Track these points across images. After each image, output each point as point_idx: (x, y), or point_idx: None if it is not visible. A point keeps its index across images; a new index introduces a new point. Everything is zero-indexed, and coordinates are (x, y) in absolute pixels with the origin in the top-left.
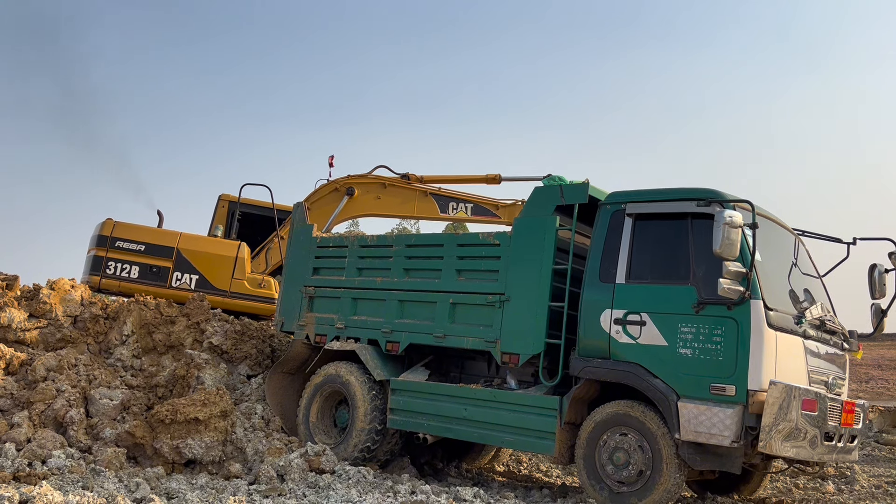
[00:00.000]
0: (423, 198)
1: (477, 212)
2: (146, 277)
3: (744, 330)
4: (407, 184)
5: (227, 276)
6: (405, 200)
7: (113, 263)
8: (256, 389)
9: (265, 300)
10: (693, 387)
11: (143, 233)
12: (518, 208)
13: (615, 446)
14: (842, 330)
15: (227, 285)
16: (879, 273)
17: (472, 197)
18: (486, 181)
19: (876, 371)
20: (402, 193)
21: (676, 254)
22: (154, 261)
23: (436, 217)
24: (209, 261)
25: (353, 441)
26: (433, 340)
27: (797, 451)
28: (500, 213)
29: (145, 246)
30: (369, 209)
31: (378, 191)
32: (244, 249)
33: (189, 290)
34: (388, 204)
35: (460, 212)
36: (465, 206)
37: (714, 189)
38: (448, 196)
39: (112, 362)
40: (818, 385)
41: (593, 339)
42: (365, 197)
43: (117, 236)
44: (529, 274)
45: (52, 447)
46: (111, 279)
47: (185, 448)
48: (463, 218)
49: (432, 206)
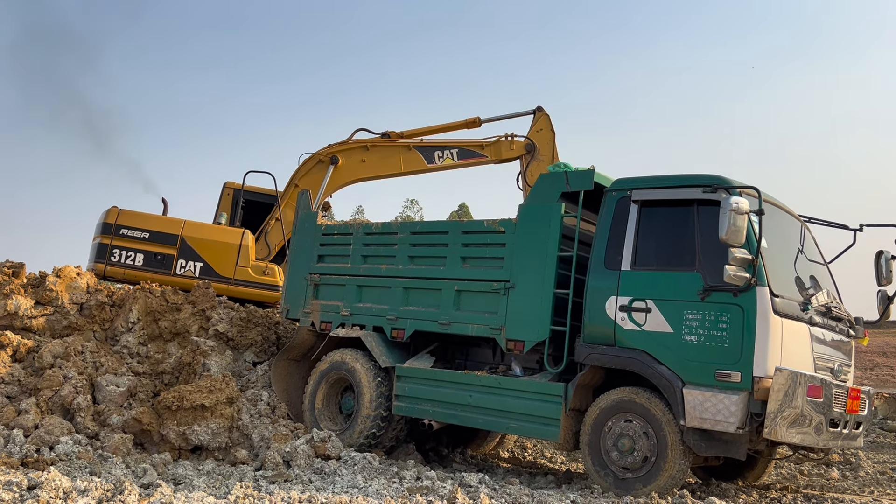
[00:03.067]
0: (408, 152)
1: (463, 156)
2: (150, 265)
3: (749, 316)
4: (389, 141)
5: (232, 264)
6: (389, 157)
7: (118, 251)
8: (262, 376)
9: (270, 287)
10: (698, 373)
11: (147, 220)
12: (503, 144)
13: (620, 432)
14: (848, 317)
15: (231, 273)
16: (886, 260)
17: (455, 142)
18: (467, 126)
19: (881, 358)
20: (386, 151)
21: (682, 240)
22: (158, 248)
23: (423, 168)
24: (213, 248)
25: (359, 427)
26: (438, 328)
27: (802, 438)
28: (486, 151)
29: (149, 234)
30: (356, 174)
31: (361, 154)
32: (248, 237)
33: (193, 278)
34: (373, 165)
35: (447, 159)
36: (450, 152)
37: (720, 175)
38: (432, 146)
39: (118, 349)
40: (824, 372)
41: (598, 326)
42: (349, 162)
43: (122, 224)
44: (534, 261)
45: (60, 433)
46: (116, 267)
47: (192, 434)
48: (450, 164)
49: (418, 158)
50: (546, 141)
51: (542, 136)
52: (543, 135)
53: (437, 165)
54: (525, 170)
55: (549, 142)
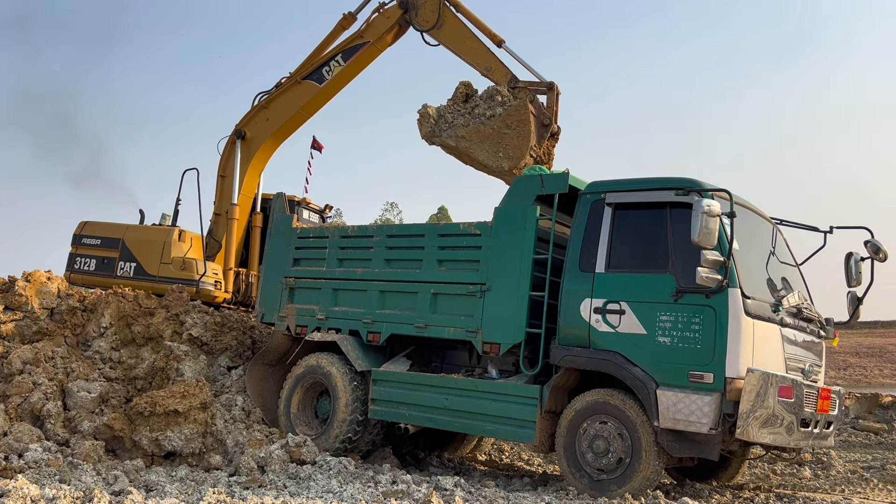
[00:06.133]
0: (299, 85)
1: (348, 56)
2: (99, 269)
3: (722, 318)
4: (281, 88)
5: (157, 262)
6: (288, 101)
7: (79, 259)
8: (237, 381)
9: (185, 282)
10: (672, 375)
11: (102, 228)
12: (377, 19)
13: (595, 434)
14: (818, 318)
15: (156, 270)
16: (855, 261)
17: (335, 49)
18: (344, 28)
19: (854, 358)
20: (282, 98)
21: (655, 243)
22: (105, 252)
23: (320, 92)
24: (144, 247)
25: (335, 432)
26: (414, 331)
27: (774, 438)
28: (366, 37)
29: (101, 240)
30: (266, 134)
31: (263, 114)
32: (173, 234)
33: (129, 279)
34: (277, 116)
35: (335, 69)
36: (335, 60)
37: (692, 178)
38: (319, 66)
39: (90, 354)
40: (795, 372)
41: (573, 328)
42: (256, 128)
43: (84, 234)
44: (510, 264)
45: (29, 440)
46: (76, 273)
47: (165, 440)
48: (341, 72)
49: (310, 85)
50: None
51: None
52: None
53: (330, 80)
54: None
55: None
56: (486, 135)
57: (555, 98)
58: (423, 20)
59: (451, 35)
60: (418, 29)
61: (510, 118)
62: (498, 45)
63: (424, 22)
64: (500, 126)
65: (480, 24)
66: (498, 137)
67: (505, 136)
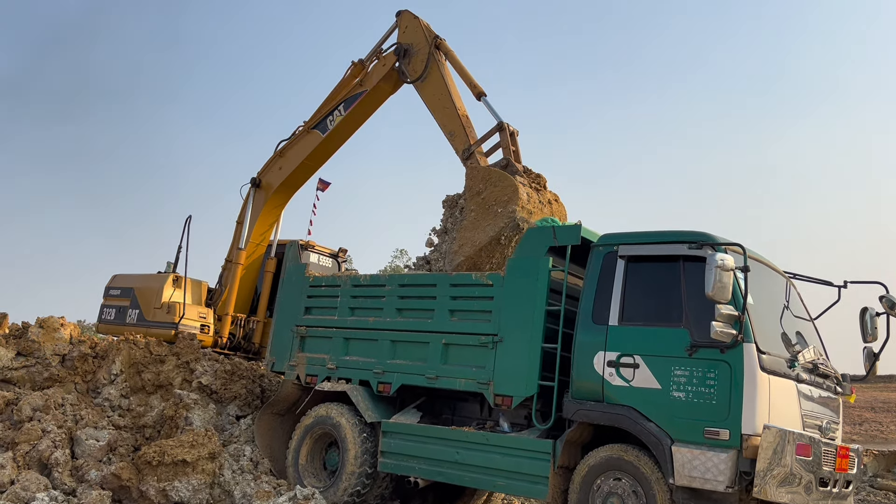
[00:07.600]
0: (307, 135)
1: (348, 105)
2: (117, 318)
3: (737, 373)
4: (296, 137)
5: (151, 307)
6: (298, 151)
7: (105, 309)
8: (245, 430)
9: (165, 326)
10: (687, 431)
11: (124, 280)
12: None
13: (609, 491)
14: (835, 373)
15: (151, 315)
16: (871, 316)
17: (338, 99)
18: (354, 76)
19: (869, 413)
20: (294, 147)
21: (669, 296)
22: (122, 301)
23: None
24: (144, 294)
25: (343, 485)
26: (425, 382)
27: (792, 497)
28: (364, 84)
29: (121, 290)
30: (277, 182)
31: (278, 162)
32: (168, 280)
33: (133, 325)
34: (288, 165)
35: (337, 118)
36: (337, 110)
37: (705, 232)
38: (323, 115)
39: (100, 402)
40: (812, 429)
41: (587, 382)
42: (269, 175)
43: (111, 286)
44: (523, 315)
45: (36, 489)
46: (103, 323)
47: (172, 490)
48: (343, 121)
49: (314, 135)
50: (415, 30)
51: (410, 33)
52: (411, 30)
53: (332, 130)
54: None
55: (418, 29)
56: (472, 221)
57: (508, 137)
58: (413, 70)
59: (431, 92)
60: (406, 80)
61: (472, 189)
62: (477, 97)
63: (413, 72)
64: (475, 205)
65: (466, 74)
66: (483, 209)
67: (486, 203)
